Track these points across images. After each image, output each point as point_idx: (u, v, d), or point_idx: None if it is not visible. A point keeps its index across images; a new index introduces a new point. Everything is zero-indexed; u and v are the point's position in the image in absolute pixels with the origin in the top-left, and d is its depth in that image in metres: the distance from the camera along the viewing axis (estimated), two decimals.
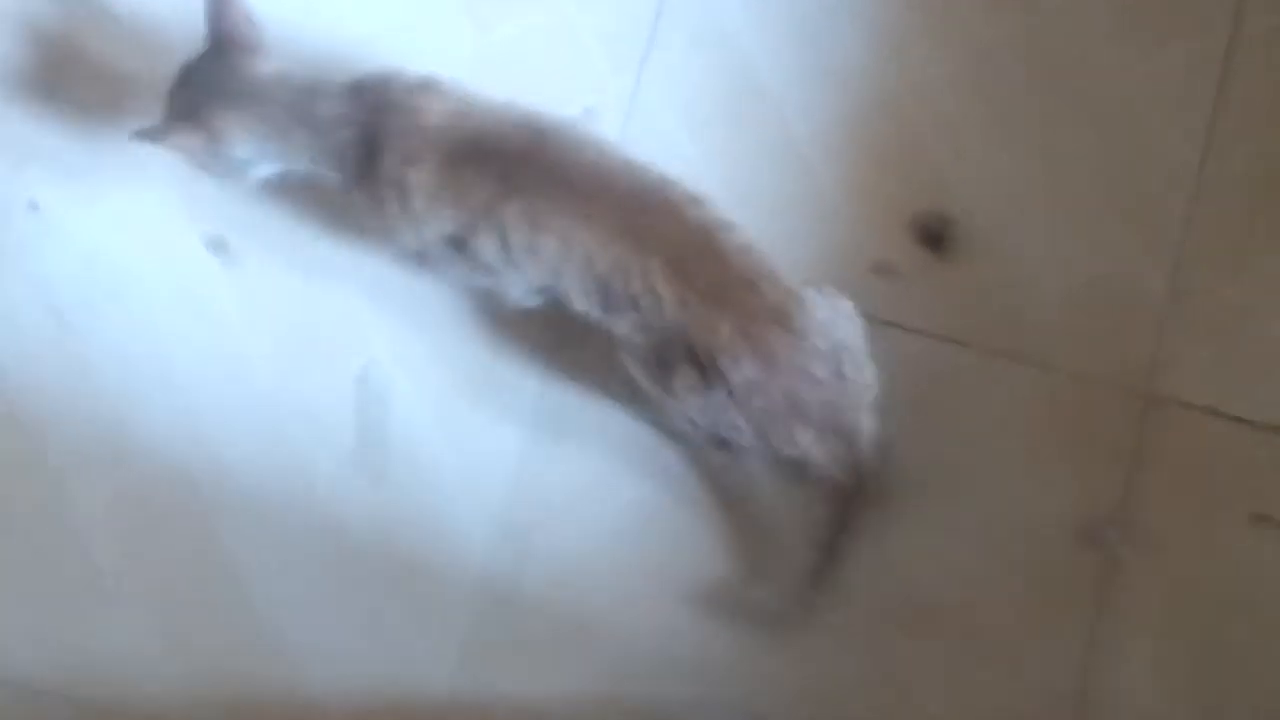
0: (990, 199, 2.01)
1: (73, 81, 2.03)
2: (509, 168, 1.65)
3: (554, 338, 1.93)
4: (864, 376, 1.69)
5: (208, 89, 1.73)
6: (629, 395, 1.84)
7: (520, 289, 1.77)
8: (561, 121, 1.71)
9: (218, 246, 1.98)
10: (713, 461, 1.88)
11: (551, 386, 1.95)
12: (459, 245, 1.71)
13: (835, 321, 1.68)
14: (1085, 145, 2.03)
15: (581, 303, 1.71)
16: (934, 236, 1.99)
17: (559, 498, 1.94)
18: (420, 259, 1.80)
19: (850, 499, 1.74)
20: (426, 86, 1.71)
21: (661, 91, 2.04)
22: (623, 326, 1.70)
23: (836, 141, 2.02)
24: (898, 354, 1.94)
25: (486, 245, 1.69)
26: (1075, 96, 2.04)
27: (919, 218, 2.00)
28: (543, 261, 1.68)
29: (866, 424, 1.72)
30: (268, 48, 1.77)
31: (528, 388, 1.95)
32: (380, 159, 1.68)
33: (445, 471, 1.94)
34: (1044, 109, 2.04)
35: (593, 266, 1.65)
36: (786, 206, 2.01)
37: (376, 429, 1.94)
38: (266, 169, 1.78)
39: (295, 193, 1.90)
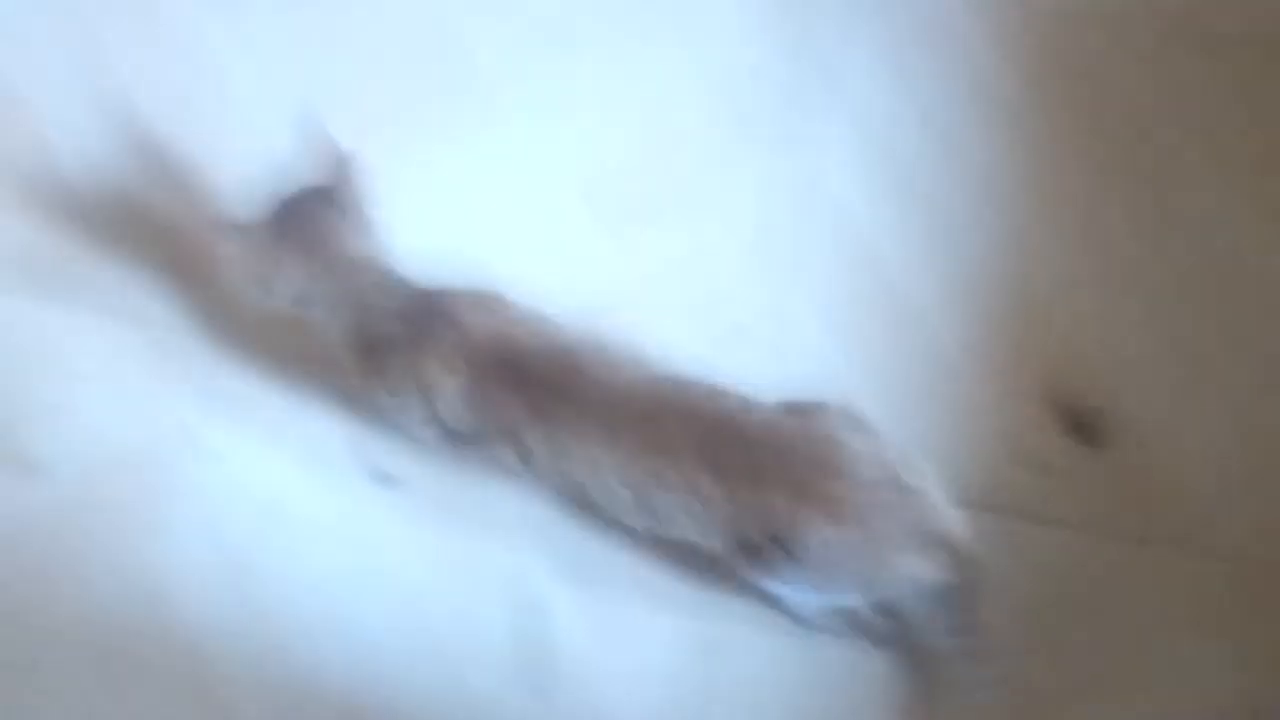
0: (1137, 382, 2.02)
1: (242, 325, 2.12)
2: (538, 393, 1.69)
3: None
4: (926, 480, 1.67)
5: (293, 226, 1.77)
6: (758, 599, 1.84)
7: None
8: (596, 339, 1.74)
9: (383, 480, 2.03)
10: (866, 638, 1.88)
11: (711, 587, 1.96)
12: (473, 443, 1.76)
13: (876, 447, 1.67)
14: (1230, 322, 2.05)
15: (617, 512, 1.74)
16: (1083, 426, 1.99)
17: (727, 698, 1.93)
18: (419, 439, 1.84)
19: (970, 588, 1.72)
20: (483, 304, 1.76)
21: (805, 300, 2.08)
22: (678, 532, 1.73)
23: (977, 335, 2.05)
24: (1055, 551, 1.95)
25: (506, 457, 1.74)
26: (1214, 273, 2.07)
27: (1066, 407, 2.01)
28: (567, 478, 1.72)
29: (952, 519, 1.69)
30: (370, 231, 1.80)
31: (687, 591, 1.96)
32: (415, 360, 1.73)
33: (608, 683, 1.95)
34: (1184, 288, 2.07)
35: (625, 480, 1.68)
36: (930, 404, 2.03)
37: (537, 648, 1.96)
38: (293, 308, 1.82)
39: None
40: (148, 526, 2.05)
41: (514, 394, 1.70)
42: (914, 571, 1.66)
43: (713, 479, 1.65)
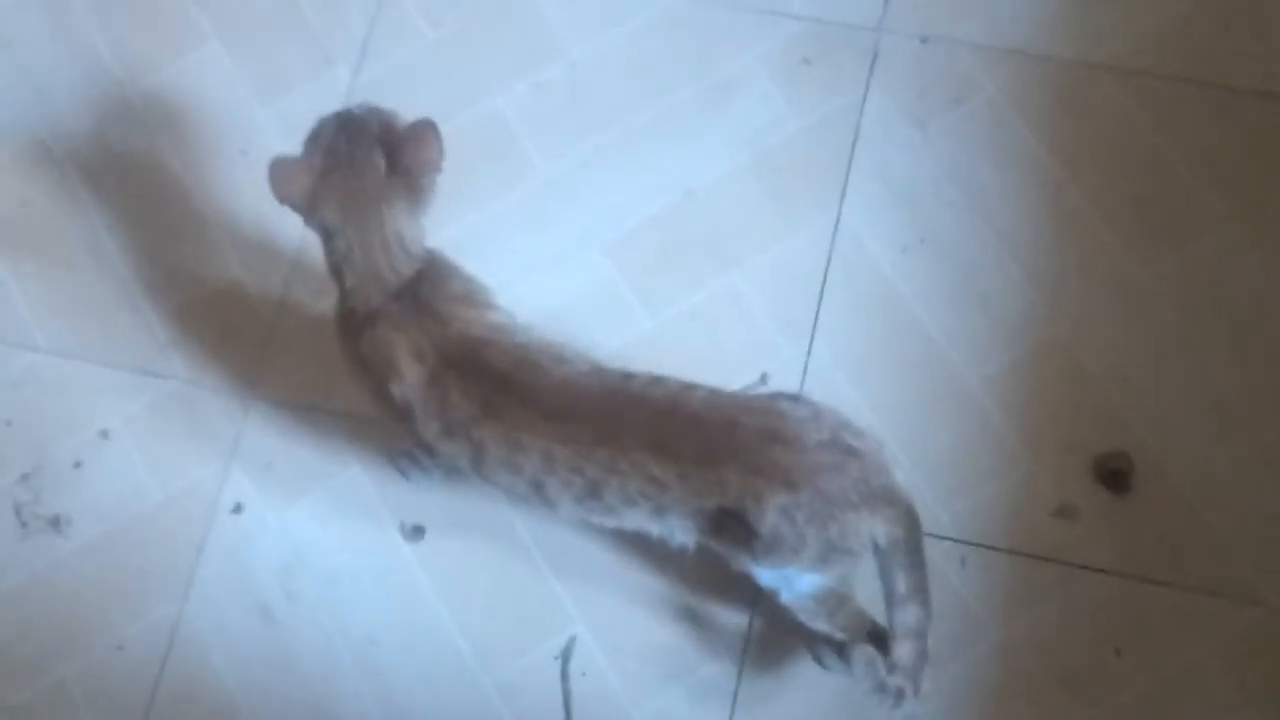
0: (1166, 433, 2.04)
1: (270, 377, 2.14)
2: (492, 391, 1.69)
3: (748, 594, 1.96)
4: (868, 440, 1.67)
5: (345, 163, 1.73)
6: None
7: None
8: (555, 343, 1.75)
9: (415, 534, 2.04)
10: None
11: (753, 649, 1.98)
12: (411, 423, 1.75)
13: (817, 413, 1.67)
14: (1254, 369, 2.06)
15: (570, 508, 1.74)
16: (1115, 476, 2.01)
17: None
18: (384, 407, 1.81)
19: (915, 539, 1.70)
20: (470, 299, 1.77)
21: (833, 352, 2.10)
22: (634, 522, 1.74)
23: (1007, 387, 2.07)
24: (1091, 597, 1.96)
25: (461, 455, 1.74)
26: (1238, 322, 2.09)
27: (1098, 458, 2.02)
28: (521, 475, 1.72)
29: (896, 475, 1.69)
30: (425, 195, 1.76)
31: (727, 659, 1.98)
32: (389, 338, 1.73)
33: None
34: (1207, 337, 2.08)
35: (581, 473, 1.68)
36: (963, 455, 2.04)
37: (577, 704, 1.96)
38: (318, 236, 1.78)
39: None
40: (172, 580, 2.05)
41: (471, 391, 1.70)
42: (868, 527, 1.66)
43: (662, 462, 1.65)
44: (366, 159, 1.73)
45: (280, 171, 1.72)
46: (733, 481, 1.63)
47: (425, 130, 1.73)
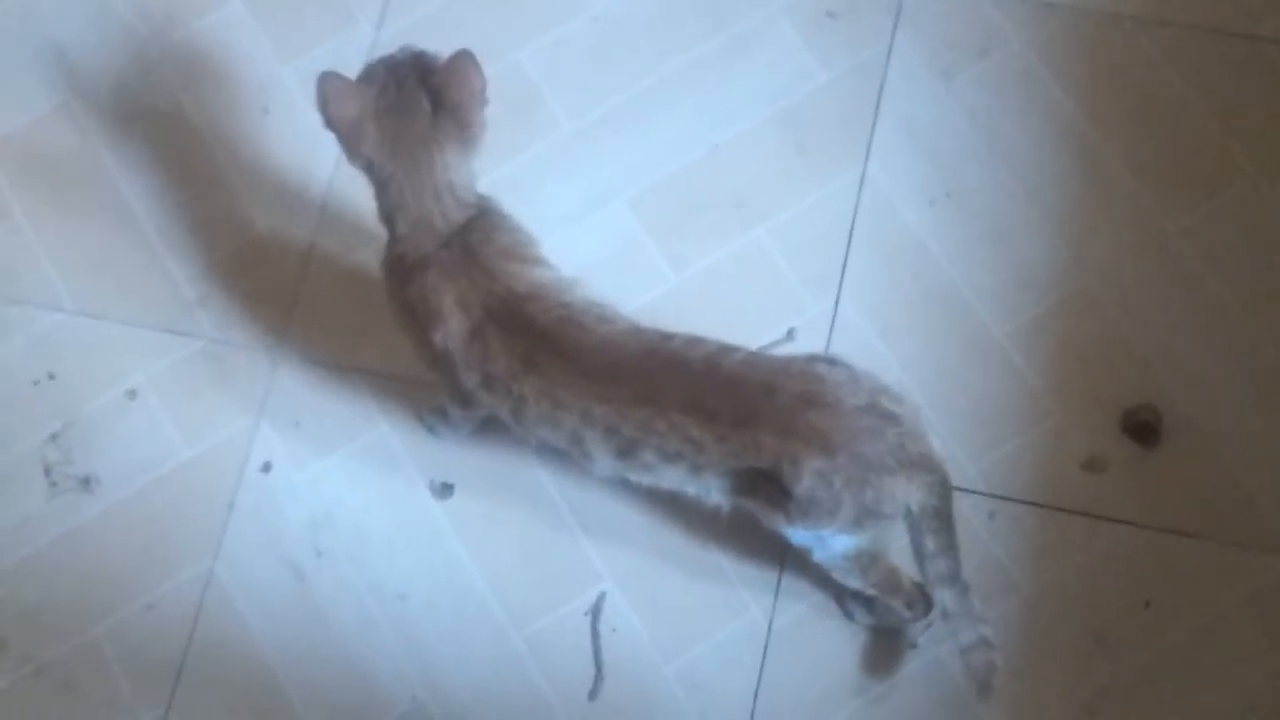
0: (1193, 385, 2.04)
1: (297, 334, 2.15)
2: (533, 347, 1.69)
3: (778, 549, 1.97)
4: (906, 406, 1.67)
5: (395, 102, 1.71)
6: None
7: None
8: (595, 298, 1.75)
9: (444, 491, 2.05)
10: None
11: (782, 603, 1.98)
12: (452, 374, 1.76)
13: (855, 377, 1.67)
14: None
15: (608, 464, 1.74)
16: (1143, 428, 2.00)
17: (775, 695, 1.95)
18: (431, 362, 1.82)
19: (947, 508, 1.71)
20: (516, 253, 1.76)
21: (859, 306, 2.10)
22: (670, 482, 1.74)
23: (1035, 340, 2.06)
24: (1120, 550, 1.97)
25: (500, 407, 1.75)
26: (1266, 275, 2.08)
27: (1126, 411, 2.02)
28: (561, 429, 1.72)
29: (933, 442, 1.69)
30: (475, 131, 1.75)
31: (756, 613, 1.99)
32: (436, 285, 1.73)
33: (678, 703, 1.96)
34: (1235, 290, 2.08)
35: (619, 432, 1.69)
36: (991, 408, 2.04)
37: (607, 659, 1.97)
38: (363, 172, 1.76)
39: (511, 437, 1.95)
40: (202, 539, 2.06)
41: (513, 346, 1.70)
42: (903, 493, 1.65)
43: (700, 423, 1.65)
44: (415, 103, 1.71)
45: (332, 89, 1.69)
46: (769, 444, 1.63)
47: (464, 62, 1.72)
